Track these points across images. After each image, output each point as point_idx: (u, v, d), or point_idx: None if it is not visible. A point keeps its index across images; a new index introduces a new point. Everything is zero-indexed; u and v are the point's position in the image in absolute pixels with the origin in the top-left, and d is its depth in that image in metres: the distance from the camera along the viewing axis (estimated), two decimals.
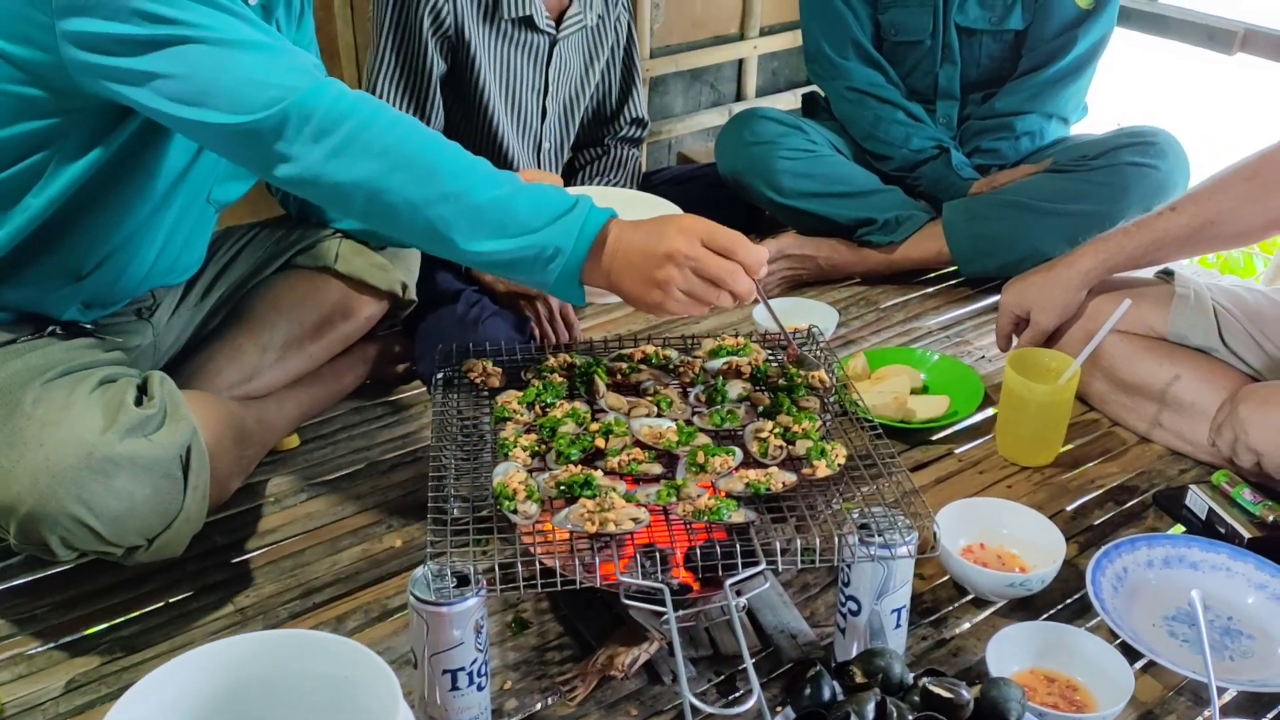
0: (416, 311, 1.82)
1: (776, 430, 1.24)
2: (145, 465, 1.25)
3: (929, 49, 2.28)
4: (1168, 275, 1.76)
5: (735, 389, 1.33)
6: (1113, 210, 2.05)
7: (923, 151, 2.26)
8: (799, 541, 1.10)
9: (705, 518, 1.12)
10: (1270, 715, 1.21)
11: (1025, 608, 1.36)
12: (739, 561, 1.09)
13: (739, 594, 1.10)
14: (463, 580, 1.10)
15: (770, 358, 1.42)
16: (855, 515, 1.17)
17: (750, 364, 1.38)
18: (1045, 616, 1.35)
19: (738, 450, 1.23)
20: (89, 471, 1.21)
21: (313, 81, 1.18)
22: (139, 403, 1.30)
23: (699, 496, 1.15)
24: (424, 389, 1.83)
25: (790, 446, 1.24)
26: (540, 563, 1.09)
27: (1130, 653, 1.25)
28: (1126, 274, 1.78)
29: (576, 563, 1.10)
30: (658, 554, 1.18)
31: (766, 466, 1.21)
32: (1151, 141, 2.07)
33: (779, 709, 1.13)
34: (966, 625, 1.34)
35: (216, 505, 1.42)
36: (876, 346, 1.99)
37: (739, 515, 1.13)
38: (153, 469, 1.26)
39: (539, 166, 2.12)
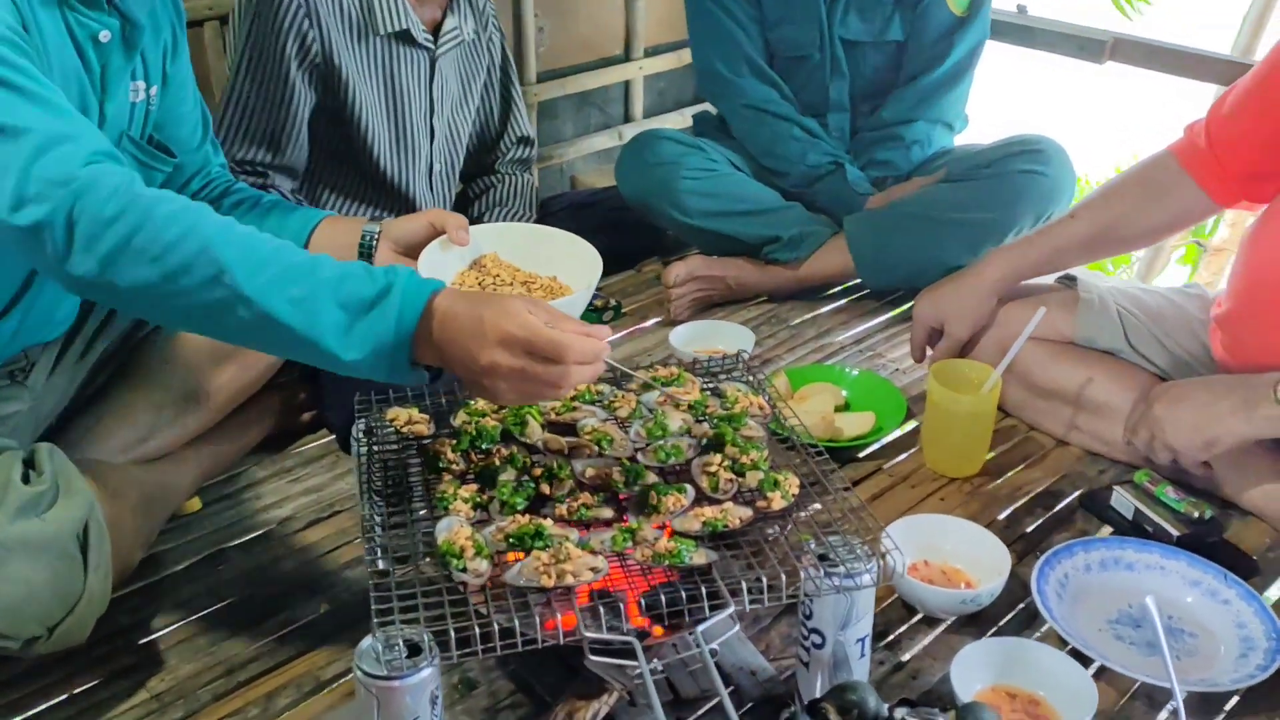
0: None
1: (725, 463, 1.21)
2: (40, 547, 1.14)
3: (818, 63, 2.30)
4: (1070, 281, 1.80)
5: (675, 421, 1.29)
6: (1006, 216, 2.10)
7: (819, 167, 2.27)
8: (764, 579, 1.07)
9: (666, 561, 1.08)
10: (1222, 714, 1.23)
11: (975, 622, 1.36)
12: (705, 604, 1.05)
13: (708, 639, 1.06)
14: (413, 649, 1.02)
15: (706, 387, 1.39)
16: (811, 545, 1.14)
17: (687, 394, 1.34)
18: (995, 629, 1.35)
19: (689, 488, 1.19)
20: None
21: (79, 180, 1.04)
22: (26, 479, 1.19)
23: (656, 539, 1.11)
24: (332, 438, 1.74)
25: (740, 479, 1.20)
26: (497, 624, 1.02)
27: (1080, 659, 1.25)
28: (1031, 282, 1.82)
29: (537, 620, 1.04)
30: (613, 603, 1.12)
31: (719, 502, 1.17)
32: (1039, 149, 2.13)
33: None
34: (920, 646, 1.33)
35: (119, 582, 1.31)
36: (792, 365, 1.98)
37: (700, 556, 1.09)
38: (49, 550, 1.15)
39: (431, 191, 2.06)
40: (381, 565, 1.09)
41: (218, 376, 1.57)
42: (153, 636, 1.34)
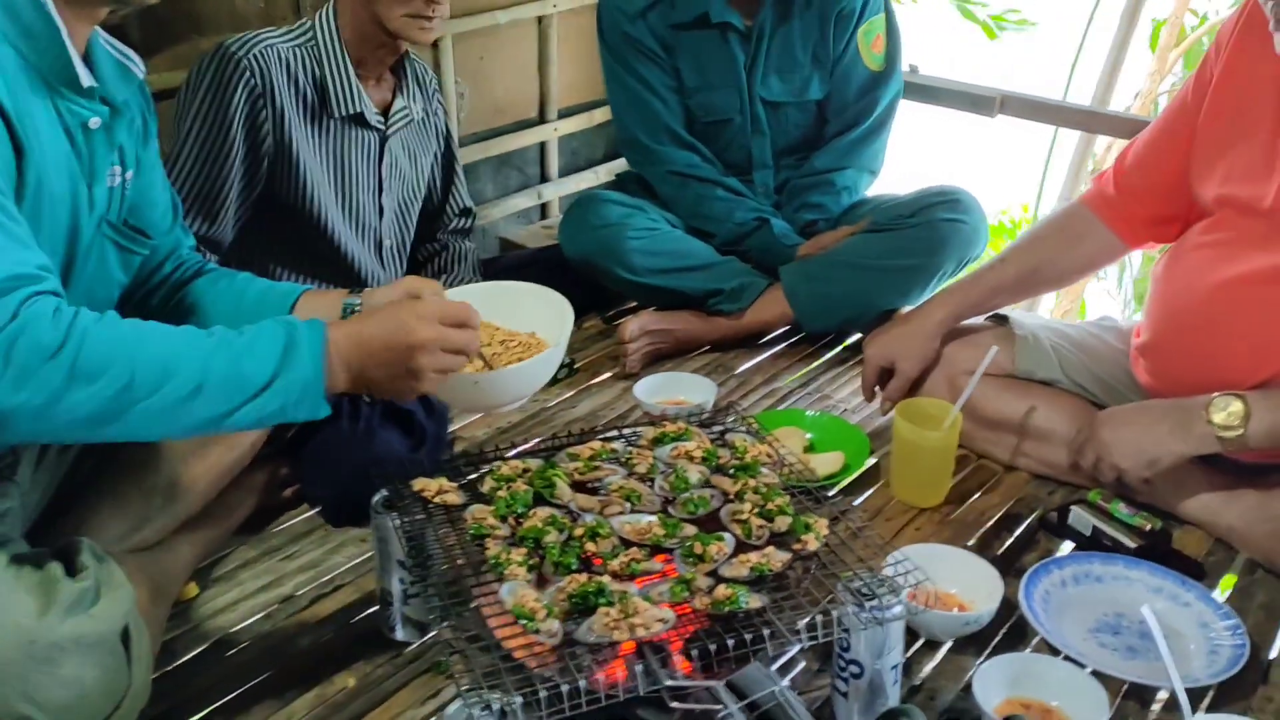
0: (299, 430, 1.72)
1: (754, 510, 1.28)
2: (91, 644, 1.12)
3: (739, 125, 2.42)
4: (1001, 320, 1.95)
5: (693, 474, 1.36)
6: (932, 262, 2.26)
7: (745, 224, 2.38)
8: (818, 619, 1.14)
9: (725, 608, 1.14)
10: (1203, 707, 1.36)
11: (972, 641, 1.46)
12: (768, 646, 1.11)
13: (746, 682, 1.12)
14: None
15: (715, 438, 1.46)
16: (857, 581, 1.21)
17: (699, 447, 1.41)
18: (990, 647, 1.45)
19: (726, 535, 1.25)
20: (32, 663, 1.08)
21: (6, 314, 1.04)
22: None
23: (711, 588, 1.17)
24: (315, 513, 1.73)
25: (770, 524, 1.28)
26: (573, 681, 1.06)
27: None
28: (966, 322, 1.97)
29: (590, 674, 1.08)
30: (661, 651, 1.18)
31: (758, 548, 1.24)
32: (957, 199, 2.30)
33: None
34: (930, 668, 1.42)
35: None
36: (748, 411, 2.07)
37: (755, 600, 1.16)
38: (99, 647, 1.13)
39: (382, 266, 2.08)
40: (454, 634, 1.11)
41: (205, 457, 1.56)
42: None
